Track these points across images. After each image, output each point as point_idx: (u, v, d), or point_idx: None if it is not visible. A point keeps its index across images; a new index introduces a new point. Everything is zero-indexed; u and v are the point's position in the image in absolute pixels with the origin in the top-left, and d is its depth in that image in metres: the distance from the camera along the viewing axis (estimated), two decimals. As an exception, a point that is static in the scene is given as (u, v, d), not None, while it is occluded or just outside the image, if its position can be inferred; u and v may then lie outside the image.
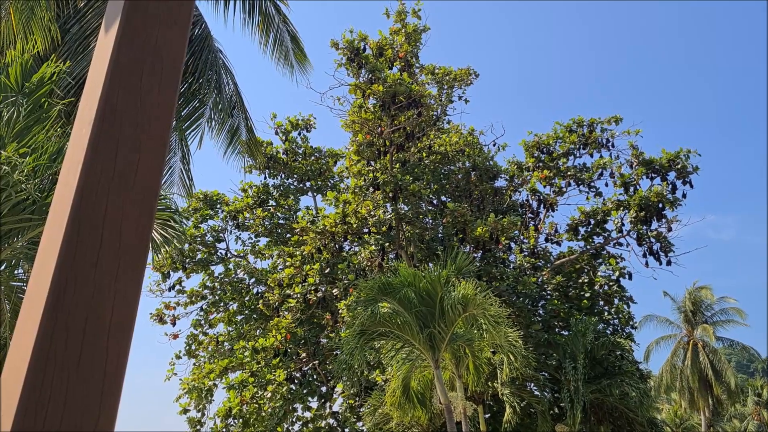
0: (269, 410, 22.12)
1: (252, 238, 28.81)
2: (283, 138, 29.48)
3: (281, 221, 28.59)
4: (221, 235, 28.27)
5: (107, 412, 1.53)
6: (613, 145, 26.68)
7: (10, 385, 1.53)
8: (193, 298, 27.04)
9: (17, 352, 1.57)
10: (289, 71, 12.33)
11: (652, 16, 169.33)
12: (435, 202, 27.33)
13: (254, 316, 26.79)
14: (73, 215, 1.64)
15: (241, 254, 28.58)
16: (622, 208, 25.60)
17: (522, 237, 26.52)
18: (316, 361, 24.11)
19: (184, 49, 2.04)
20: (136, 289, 1.66)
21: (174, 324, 26.64)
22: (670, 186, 24.72)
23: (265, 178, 29.51)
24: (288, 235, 27.39)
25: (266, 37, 11.90)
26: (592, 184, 26.84)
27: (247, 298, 27.04)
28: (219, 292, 27.22)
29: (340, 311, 21.91)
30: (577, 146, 27.13)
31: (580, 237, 26.65)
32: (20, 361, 1.54)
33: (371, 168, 24.67)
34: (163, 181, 11.20)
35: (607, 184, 26.70)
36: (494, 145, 28.88)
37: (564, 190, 27.12)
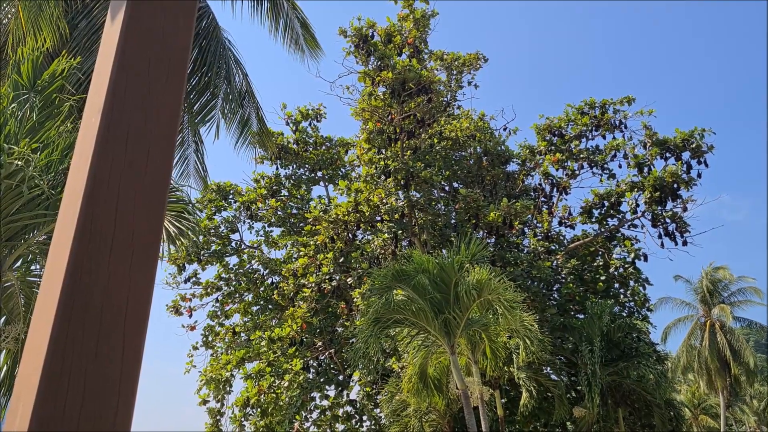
0: (287, 399, 22.28)
1: (265, 228, 28.98)
2: (294, 128, 29.51)
3: (294, 211, 28.70)
4: (235, 225, 28.48)
5: (126, 400, 1.54)
6: (626, 126, 26.40)
7: (29, 374, 1.54)
8: (209, 290, 27.29)
9: (34, 343, 1.58)
10: (300, 56, 12.34)
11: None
12: (447, 188, 27.27)
13: (269, 306, 26.97)
14: (85, 205, 1.64)
15: (255, 245, 28.75)
16: (636, 189, 25.37)
17: (535, 221, 26.42)
18: (332, 350, 24.24)
19: (191, 37, 2.03)
20: (150, 276, 1.66)
21: (190, 315, 26.93)
22: (685, 166, 24.47)
23: (277, 168, 29.60)
24: (301, 225, 27.49)
25: (276, 23, 11.91)
26: (606, 165, 26.62)
27: (261, 289, 27.22)
28: (234, 283, 27.43)
29: (354, 300, 21.99)
30: (590, 128, 26.89)
31: (594, 219, 26.49)
32: (38, 351, 1.54)
33: (382, 156, 24.62)
34: (179, 173, 11.25)
35: (620, 166, 26.49)
36: (505, 129, 28.78)
37: (577, 172, 26.93)
